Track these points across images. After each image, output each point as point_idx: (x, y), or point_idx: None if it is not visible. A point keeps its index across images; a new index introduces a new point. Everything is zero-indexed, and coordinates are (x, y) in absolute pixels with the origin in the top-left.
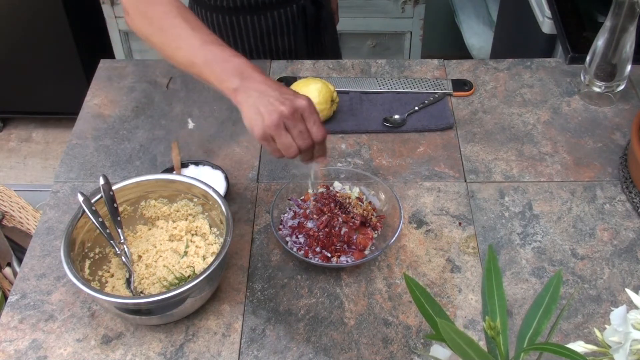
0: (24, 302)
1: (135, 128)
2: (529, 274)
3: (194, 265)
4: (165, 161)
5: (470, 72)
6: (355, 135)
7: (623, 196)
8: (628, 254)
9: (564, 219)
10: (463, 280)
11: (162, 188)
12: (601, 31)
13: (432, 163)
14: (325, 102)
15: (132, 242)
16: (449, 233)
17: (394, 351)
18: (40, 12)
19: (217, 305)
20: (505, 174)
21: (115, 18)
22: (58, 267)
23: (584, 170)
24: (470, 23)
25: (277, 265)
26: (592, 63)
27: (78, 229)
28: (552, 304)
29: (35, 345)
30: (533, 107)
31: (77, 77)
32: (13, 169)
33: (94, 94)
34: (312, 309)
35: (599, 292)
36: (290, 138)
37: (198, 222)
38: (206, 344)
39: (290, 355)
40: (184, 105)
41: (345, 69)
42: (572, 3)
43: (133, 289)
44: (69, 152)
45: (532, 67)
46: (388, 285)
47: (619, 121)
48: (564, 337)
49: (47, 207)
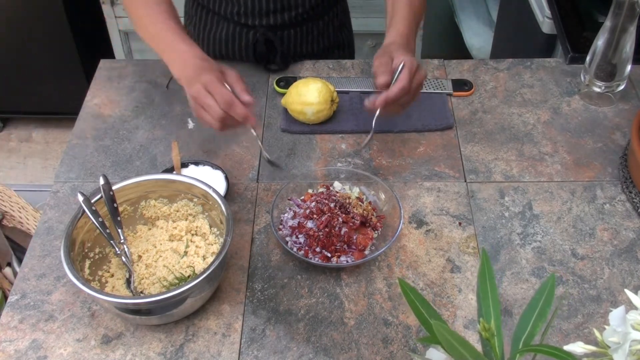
0: (24, 302)
1: (135, 128)
2: (529, 274)
3: (194, 265)
4: (165, 161)
5: (470, 72)
6: (355, 135)
7: (623, 196)
8: (628, 254)
9: (564, 219)
10: (463, 280)
11: (162, 188)
12: (601, 31)
13: (432, 163)
14: (325, 102)
15: (132, 242)
16: (449, 233)
17: (394, 351)
18: (40, 12)
19: (217, 305)
20: (505, 174)
21: (115, 18)
22: (58, 267)
23: (584, 170)
24: (470, 23)
25: (277, 265)
26: (592, 63)
27: (78, 229)
28: (547, 306)
29: (35, 345)
30: (533, 107)
31: (77, 77)
32: (13, 169)
33: (94, 94)
34: (312, 309)
35: (599, 292)
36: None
37: (198, 222)
38: (206, 344)
39: (290, 355)
40: (184, 105)
41: (345, 69)
42: (572, 3)
43: (133, 289)
44: (69, 152)
45: (532, 67)
46: (388, 285)
47: (619, 121)
48: (563, 337)
49: (47, 207)
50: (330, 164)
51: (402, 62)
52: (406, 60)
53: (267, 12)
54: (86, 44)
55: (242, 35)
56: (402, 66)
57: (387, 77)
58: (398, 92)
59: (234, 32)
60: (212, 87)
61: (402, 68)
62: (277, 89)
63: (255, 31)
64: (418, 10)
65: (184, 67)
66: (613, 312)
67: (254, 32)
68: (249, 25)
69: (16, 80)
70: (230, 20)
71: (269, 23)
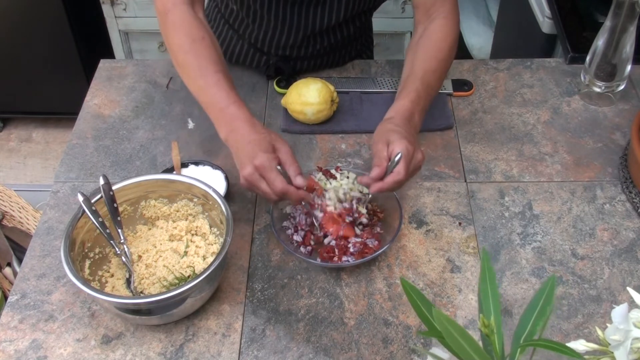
0: (24, 302)
1: (135, 128)
2: (529, 274)
3: (194, 265)
4: (165, 161)
5: (470, 72)
6: (355, 135)
7: (623, 196)
8: (628, 254)
9: (564, 219)
10: (463, 280)
11: (162, 188)
12: (601, 31)
13: (432, 163)
14: (325, 102)
15: (132, 242)
16: (449, 233)
17: (394, 351)
18: (40, 12)
19: (217, 305)
20: (505, 174)
21: (115, 18)
22: (58, 267)
23: (584, 170)
24: (470, 23)
25: (277, 265)
26: (592, 63)
27: (78, 229)
28: (547, 305)
29: (35, 345)
30: (533, 107)
31: (77, 77)
32: (13, 169)
33: (94, 94)
34: (312, 309)
35: (599, 292)
36: (262, 193)
37: (198, 222)
38: (206, 344)
39: (290, 355)
40: (184, 105)
41: (345, 69)
42: (572, 3)
43: (133, 289)
44: (69, 152)
45: (532, 67)
46: (388, 285)
47: (619, 121)
48: (564, 337)
49: (47, 207)
50: (330, 164)
51: (398, 154)
52: (403, 150)
53: (285, 45)
54: (86, 44)
55: (254, 57)
56: (399, 157)
57: (381, 171)
58: (392, 185)
59: (247, 52)
60: (265, 173)
61: (399, 159)
62: (277, 89)
63: (268, 58)
64: (432, 83)
65: (232, 133)
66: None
67: (267, 58)
68: (263, 51)
69: (16, 80)
70: (245, 41)
71: (285, 54)
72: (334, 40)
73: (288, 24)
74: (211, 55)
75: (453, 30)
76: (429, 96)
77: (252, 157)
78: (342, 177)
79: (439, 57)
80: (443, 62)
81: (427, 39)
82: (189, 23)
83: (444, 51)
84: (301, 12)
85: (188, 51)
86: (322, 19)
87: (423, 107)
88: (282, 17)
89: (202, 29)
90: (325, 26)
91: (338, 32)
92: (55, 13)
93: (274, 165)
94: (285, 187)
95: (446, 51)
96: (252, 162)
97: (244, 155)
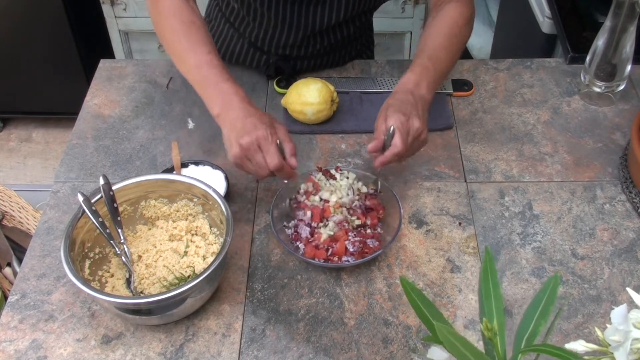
0: (24, 302)
1: (135, 128)
2: (529, 274)
3: (194, 265)
4: (165, 161)
5: (470, 72)
6: (355, 135)
7: (623, 196)
8: (628, 254)
9: (564, 219)
10: (463, 280)
11: (162, 188)
12: (601, 31)
13: (432, 163)
14: (325, 102)
15: (132, 242)
16: (449, 233)
17: (394, 351)
18: (40, 12)
19: (217, 305)
20: (505, 174)
21: (115, 18)
22: (58, 267)
23: (584, 170)
24: None
25: (277, 265)
26: (592, 63)
27: (78, 229)
28: (549, 304)
29: (35, 345)
30: (533, 107)
31: (77, 77)
32: (13, 169)
33: (94, 94)
34: (312, 309)
35: (599, 292)
36: (252, 166)
37: (198, 222)
38: (206, 344)
39: (290, 355)
40: (184, 105)
41: (345, 69)
42: (572, 3)
43: (133, 289)
44: (69, 152)
45: (532, 67)
46: (388, 285)
47: (619, 121)
48: (564, 337)
49: (47, 207)
50: (330, 164)
51: (391, 127)
52: (395, 123)
53: (285, 44)
54: (86, 44)
55: (254, 56)
56: (392, 130)
57: (377, 143)
58: (392, 157)
59: (247, 51)
60: (264, 145)
61: (393, 131)
62: (277, 89)
63: (268, 57)
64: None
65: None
66: (615, 310)
67: (267, 57)
68: (263, 50)
69: (16, 80)
70: (246, 39)
71: (285, 53)
72: (334, 40)
73: (288, 22)
74: (202, 37)
75: (466, 11)
76: (439, 70)
77: (252, 129)
78: (342, 177)
79: (449, 34)
80: (454, 39)
81: (438, 19)
82: (179, 8)
83: (454, 28)
84: (302, 11)
85: (179, 32)
86: (322, 18)
87: (432, 79)
88: (283, 16)
89: (194, 14)
90: (326, 26)
91: (338, 31)
92: (55, 13)
93: (275, 140)
94: (282, 162)
95: (457, 29)
96: (254, 133)
97: (241, 128)
